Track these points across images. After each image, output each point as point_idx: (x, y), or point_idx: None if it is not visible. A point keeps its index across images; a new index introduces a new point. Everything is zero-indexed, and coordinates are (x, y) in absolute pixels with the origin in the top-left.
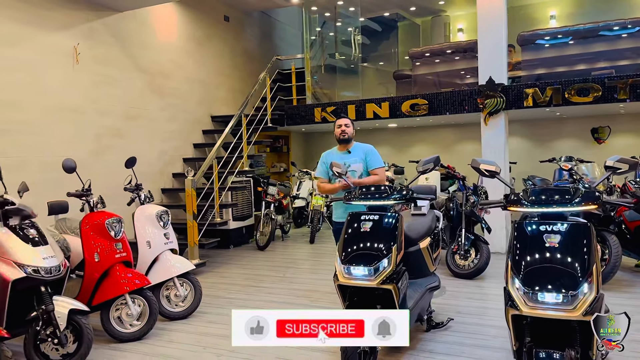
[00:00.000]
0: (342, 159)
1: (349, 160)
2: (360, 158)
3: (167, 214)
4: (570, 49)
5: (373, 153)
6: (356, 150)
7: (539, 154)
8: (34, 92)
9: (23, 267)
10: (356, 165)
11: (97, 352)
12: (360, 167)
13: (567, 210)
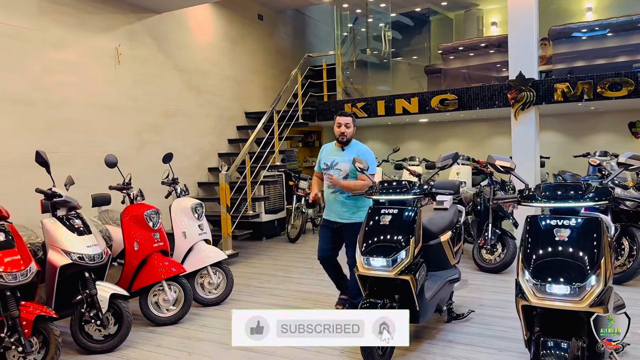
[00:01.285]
0: (334, 155)
1: (338, 158)
2: (350, 159)
3: (201, 207)
4: (604, 42)
5: (366, 156)
6: (351, 150)
7: (574, 148)
8: (79, 91)
9: (69, 254)
10: (344, 164)
11: (136, 334)
12: (347, 167)
13: (577, 205)
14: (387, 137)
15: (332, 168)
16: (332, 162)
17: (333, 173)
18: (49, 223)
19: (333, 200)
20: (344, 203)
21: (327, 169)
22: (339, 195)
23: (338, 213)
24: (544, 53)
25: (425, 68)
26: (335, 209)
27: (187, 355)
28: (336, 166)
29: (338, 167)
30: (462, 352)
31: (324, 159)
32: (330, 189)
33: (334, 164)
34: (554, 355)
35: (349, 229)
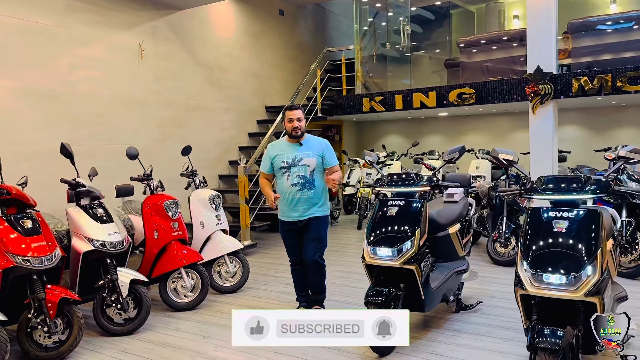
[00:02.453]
0: (293, 151)
1: (300, 154)
2: (314, 152)
3: (218, 198)
4: (627, 35)
5: (330, 149)
6: (310, 143)
7: (596, 143)
8: (104, 86)
9: (92, 242)
10: (309, 159)
11: (155, 319)
12: (314, 162)
13: (577, 198)
14: (408, 131)
15: (296, 165)
16: (293, 159)
17: (299, 170)
18: (73, 212)
19: (297, 199)
20: (310, 199)
21: (289, 167)
22: (306, 191)
23: (302, 210)
24: (565, 46)
25: (445, 62)
26: (298, 207)
27: (203, 339)
28: (301, 163)
29: (304, 164)
30: (467, 341)
31: (281, 158)
32: (296, 187)
33: (298, 160)
34: (548, 342)
35: (315, 222)
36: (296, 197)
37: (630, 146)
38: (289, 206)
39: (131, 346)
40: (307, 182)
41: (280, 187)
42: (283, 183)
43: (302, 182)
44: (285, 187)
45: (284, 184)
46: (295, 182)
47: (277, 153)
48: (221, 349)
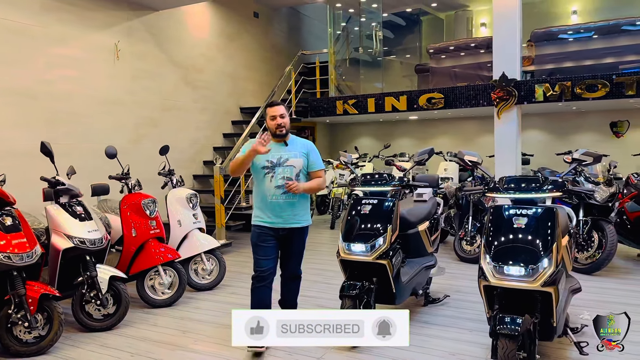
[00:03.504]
0: (278, 151)
1: (286, 154)
2: (301, 153)
3: (195, 197)
4: (587, 44)
5: (316, 152)
6: (295, 144)
7: (558, 146)
8: (80, 86)
9: (71, 239)
10: (295, 160)
11: (133, 315)
12: (301, 163)
13: (534, 196)
14: (380, 133)
15: (281, 166)
16: (279, 158)
17: (284, 171)
18: (52, 209)
19: (282, 202)
20: (294, 205)
21: (273, 167)
22: (292, 195)
23: (286, 217)
24: (530, 54)
25: (416, 67)
26: (282, 212)
27: (181, 334)
28: (286, 163)
29: (290, 164)
30: (435, 332)
31: (264, 156)
32: (280, 190)
33: (284, 161)
34: (508, 328)
35: (300, 233)
36: (280, 201)
37: (583, 149)
38: (272, 211)
39: (110, 341)
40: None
41: (260, 190)
42: (264, 185)
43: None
44: (267, 190)
45: (265, 185)
46: (280, 184)
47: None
48: (200, 342)
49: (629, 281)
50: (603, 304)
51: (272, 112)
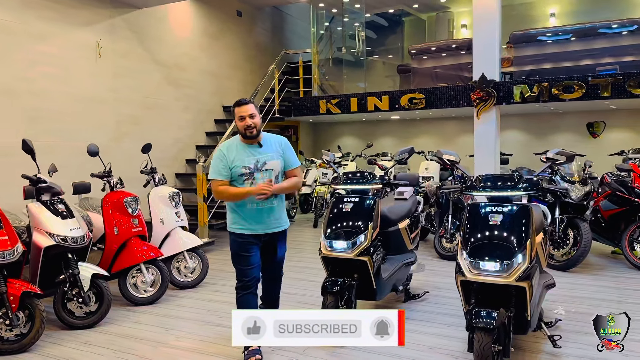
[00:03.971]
0: (254, 155)
1: (262, 157)
2: (277, 154)
3: (178, 195)
4: (565, 46)
5: (290, 148)
6: (269, 143)
7: (536, 146)
8: (61, 83)
9: (53, 236)
10: (273, 162)
11: (115, 313)
12: (279, 164)
13: (509, 194)
14: (362, 132)
15: (260, 171)
16: (255, 163)
17: (263, 176)
18: (34, 207)
19: (263, 208)
20: (274, 209)
21: (251, 173)
22: (272, 200)
23: (268, 223)
24: (509, 55)
25: (398, 67)
26: (264, 219)
27: (164, 331)
28: (265, 167)
29: (269, 168)
30: (414, 327)
31: (240, 163)
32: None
33: (262, 165)
34: (484, 322)
35: (282, 237)
36: (261, 207)
37: (557, 149)
38: (253, 218)
39: (93, 338)
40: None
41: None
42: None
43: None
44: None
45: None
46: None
47: (235, 157)
48: (183, 339)
49: (602, 277)
50: (577, 300)
51: (241, 112)
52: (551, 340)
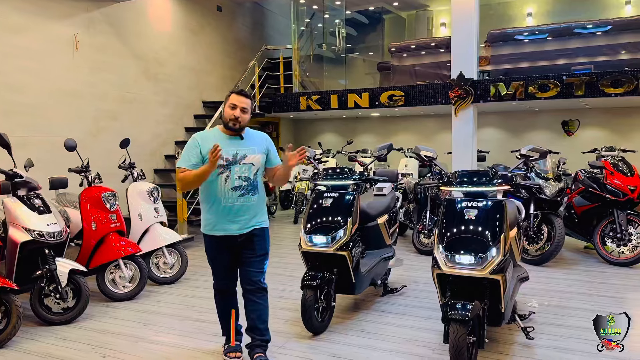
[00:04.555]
0: (233, 146)
1: (243, 149)
2: (259, 149)
3: (157, 190)
4: (541, 46)
5: (273, 146)
6: (252, 137)
7: (512, 144)
8: (37, 77)
9: (30, 232)
10: (254, 156)
11: (93, 309)
12: (260, 160)
13: (484, 189)
14: (343, 129)
15: (238, 163)
16: (234, 155)
17: (241, 170)
18: (9, 202)
19: (238, 207)
20: (253, 207)
21: (228, 165)
22: (250, 197)
23: (244, 221)
24: (487, 54)
25: (378, 64)
26: (238, 217)
27: (143, 326)
28: (244, 161)
29: (248, 162)
30: (392, 320)
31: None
32: (237, 192)
33: (241, 157)
34: (459, 314)
35: (260, 236)
36: (237, 205)
37: (530, 146)
38: (227, 217)
39: (71, 334)
40: (251, 185)
41: (211, 193)
42: (217, 187)
43: (245, 184)
44: (221, 192)
45: (218, 188)
46: (236, 186)
47: (210, 147)
48: (162, 334)
49: (575, 271)
50: (551, 293)
51: (235, 101)
52: (524, 331)
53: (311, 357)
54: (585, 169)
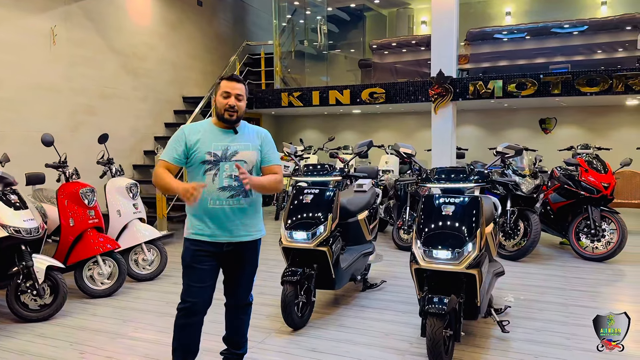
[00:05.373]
0: (224, 140)
1: (235, 145)
2: (254, 144)
3: (136, 186)
4: (517, 45)
5: (272, 143)
6: (247, 131)
7: (491, 141)
8: (13, 70)
9: (6, 228)
10: (247, 153)
11: (71, 305)
12: (254, 156)
13: (461, 186)
14: (324, 126)
15: (228, 160)
16: (225, 150)
17: (231, 168)
18: None
19: (227, 210)
20: (245, 211)
21: (217, 162)
22: (241, 199)
23: (233, 228)
24: (466, 52)
25: (359, 61)
26: (228, 222)
27: (122, 322)
28: (235, 157)
29: (240, 159)
30: (372, 315)
31: (205, 147)
32: (227, 192)
33: (232, 154)
34: (436, 308)
35: (251, 250)
36: (226, 208)
37: (505, 143)
38: (214, 220)
39: (48, 331)
40: (243, 187)
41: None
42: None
43: (236, 185)
44: (208, 192)
45: (205, 186)
46: (226, 185)
47: (198, 138)
48: (141, 330)
49: (550, 266)
50: (526, 287)
51: (228, 88)
52: (500, 325)
53: (291, 352)
54: (561, 166)
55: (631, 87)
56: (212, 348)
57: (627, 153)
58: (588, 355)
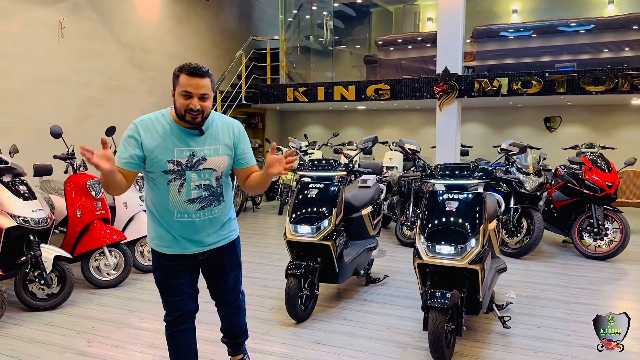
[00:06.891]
0: (188, 143)
1: (202, 150)
2: (225, 146)
3: (142, 179)
4: (523, 43)
5: (246, 139)
6: (216, 129)
7: (495, 139)
8: (21, 63)
9: (15, 218)
10: (217, 159)
11: (78, 295)
12: (225, 163)
13: (464, 182)
14: (329, 122)
15: (194, 169)
16: (190, 157)
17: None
18: None
19: (198, 223)
20: (218, 218)
21: (181, 171)
22: (214, 209)
23: (205, 239)
24: (472, 50)
25: (364, 58)
26: (201, 234)
27: (128, 312)
28: (203, 165)
29: (208, 166)
30: (374, 309)
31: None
32: (196, 204)
33: (199, 161)
34: (438, 302)
35: (229, 251)
36: (196, 221)
37: (510, 140)
38: (182, 233)
39: (55, 320)
40: (214, 195)
41: (159, 203)
42: (168, 197)
43: (206, 195)
44: (173, 204)
45: (169, 198)
46: (194, 197)
47: (155, 145)
48: (147, 320)
49: (552, 264)
50: (528, 284)
51: (190, 87)
52: (501, 321)
53: (294, 344)
54: (565, 164)
55: (637, 86)
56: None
57: (632, 152)
58: (588, 352)
